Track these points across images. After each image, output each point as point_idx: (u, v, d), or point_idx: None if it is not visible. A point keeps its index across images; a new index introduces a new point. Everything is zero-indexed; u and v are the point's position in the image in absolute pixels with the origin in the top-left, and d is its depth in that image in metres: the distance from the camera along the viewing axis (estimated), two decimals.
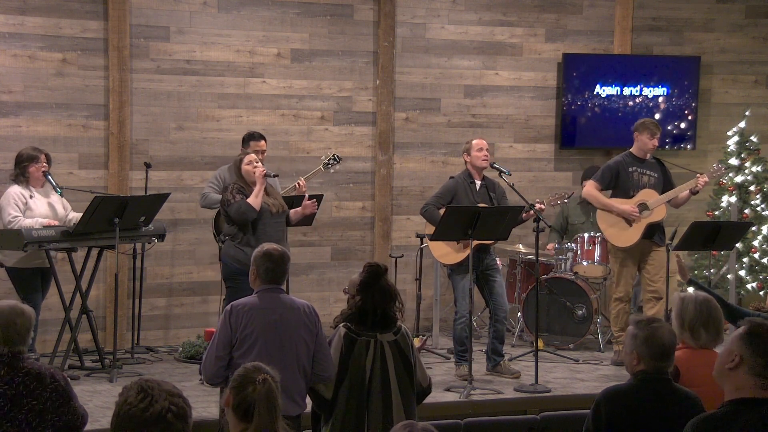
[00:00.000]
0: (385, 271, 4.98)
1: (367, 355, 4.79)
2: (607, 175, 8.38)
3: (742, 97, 10.54)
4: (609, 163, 8.55)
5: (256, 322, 5.03)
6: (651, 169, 8.36)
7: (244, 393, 3.50)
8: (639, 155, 8.37)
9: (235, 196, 7.16)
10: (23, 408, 4.08)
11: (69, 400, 4.21)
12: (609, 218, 8.32)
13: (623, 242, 8.26)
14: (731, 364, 3.50)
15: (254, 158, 7.33)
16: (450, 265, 7.89)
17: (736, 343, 3.51)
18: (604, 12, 10.26)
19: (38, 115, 8.61)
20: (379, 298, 4.87)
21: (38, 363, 4.30)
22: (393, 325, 4.91)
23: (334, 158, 8.29)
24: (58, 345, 7.66)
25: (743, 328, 3.55)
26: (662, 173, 8.38)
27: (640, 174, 8.33)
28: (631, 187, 8.30)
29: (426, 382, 5.04)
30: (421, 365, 5.06)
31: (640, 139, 8.35)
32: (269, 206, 7.22)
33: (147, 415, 2.81)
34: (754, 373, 3.45)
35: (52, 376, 4.19)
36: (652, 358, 4.11)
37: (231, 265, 7.19)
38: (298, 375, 5.05)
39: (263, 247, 5.28)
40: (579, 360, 8.48)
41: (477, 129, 9.83)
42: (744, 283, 9.94)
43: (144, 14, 8.88)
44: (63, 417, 4.16)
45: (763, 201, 10.07)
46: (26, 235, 7.18)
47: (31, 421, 4.08)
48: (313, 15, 9.41)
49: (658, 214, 8.22)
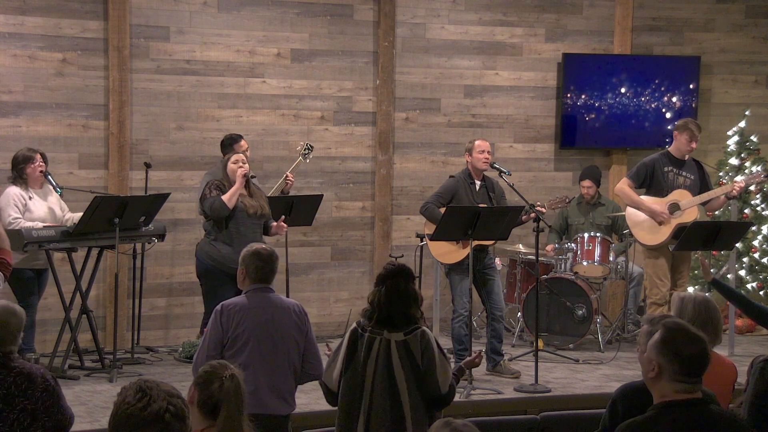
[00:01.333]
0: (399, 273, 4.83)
1: (370, 352, 4.76)
2: (642, 172, 8.23)
3: (742, 97, 10.54)
4: (645, 160, 8.35)
5: (247, 322, 5.04)
6: (688, 171, 8.23)
7: (210, 389, 3.47)
8: (676, 155, 8.23)
9: (212, 191, 7.32)
10: (15, 408, 4.06)
11: (59, 401, 4.20)
12: (637, 216, 8.20)
13: (649, 241, 8.14)
14: (652, 374, 3.52)
15: (242, 158, 7.47)
16: (448, 264, 7.90)
17: (652, 351, 3.51)
18: (604, 12, 10.26)
19: (38, 115, 8.61)
20: (384, 297, 4.83)
21: (28, 363, 4.27)
22: (405, 325, 4.82)
23: (308, 147, 8.63)
24: (58, 345, 7.66)
25: (657, 334, 3.53)
26: (700, 175, 8.25)
27: (675, 174, 8.20)
28: (665, 187, 8.17)
29: (445, 388, 4.80)
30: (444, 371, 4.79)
31: (679, 139, 8.20)
32: (246, 206, 7.34)
33: (145, 414, 2.81)
34: (673, 379, 3.47)
35: (42, 377, 4.18)
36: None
37: (204, 261, 7.42)
38: (289, 374, 5.08)
39: (252, 246, 5.30)
40: (579, 360, 8.48)
41: (477, 129, 9.83)
42: (744, 283, 9.94)
43: (144, 14, 8.88)
44: (53, 417, 4.15)
45: (763, 201, 10.06)
46: (26, 235, 7.18)
47: (23, 421, 4.07)
48: (313, 15, 9.41)
49: (689, 216, 8.07)
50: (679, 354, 3.46)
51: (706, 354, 3.52)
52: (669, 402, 3.48)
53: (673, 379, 3.47)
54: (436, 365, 4.77)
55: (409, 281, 4.85)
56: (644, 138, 10.20)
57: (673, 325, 3.58)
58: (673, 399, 3.47)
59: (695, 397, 3.49)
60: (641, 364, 4.10)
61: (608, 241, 9.16)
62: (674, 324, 3.60)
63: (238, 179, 7.31)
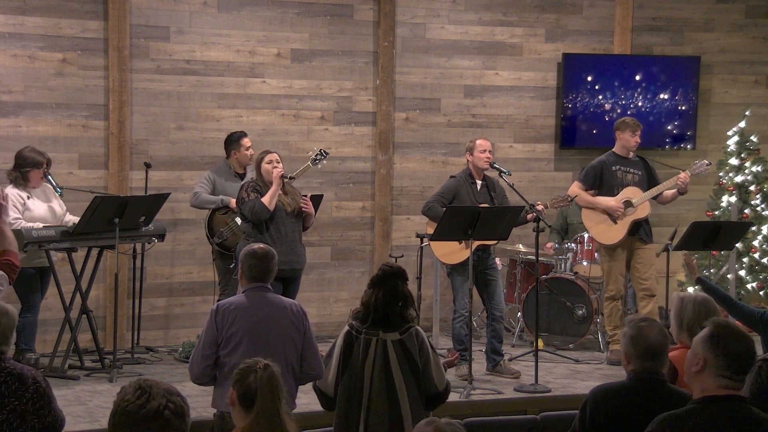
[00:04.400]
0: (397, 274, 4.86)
1: (367, 353, 4.76)
2: (590, 174, 8.45)
3: (742, 97, 10.54)
4: (592, 162, 8.60)
5: (241, 321, 5.05)
6: (634, 167, 8.43)
7: (246, 383, 3.54)
8: (622, 153, 8.46)
9: (249, 194, 7.21)
10: (5, 408, 4.02)
11: (49, 402, 4.15)
12: (594, 216, 8.39)
13: (609, 239, 8.33)
14: (696, 368, 3.55)
15: (275, 158, 7.35)
16: (451, 264, 7.90)
17: (699, 346, 3.56)
18: (604, 12, 10.26)
19: (38, 115, 8.61)
20: (382, 298, 4.84)
21: (19, 364, 4.22)
22: (400, 325, 4.84)
23: (321, 153, 7.99)
24: (58, 345, 7.66)
25: (706, 330, 3.59)
26: (646, 171, 8.46)
27: (623, 172, 8.40)
28: (615, 185, 8.38)
29: (442, 385, 4.89)
30: (438, 368, 4.90)
31: (622, 137, 8.45)
32: (284, 205, 7.25)
33: (144, 411, 2.81)
34: (717, 374, 3.51)
35: (33, 378, 4.13)
36: (638, 358, 4.07)
37: None
38: (286, 374, 5.04)
39: (250, 246, 5.32)
40: (579, 360, 8.49)
41: (477, 129, 9.84)
42: (744, 283, 9.94)
43: (144, 14, 8.88)
44: (43, 419, 4.10)
45: (763, 201, 10.06)
46: (26, 235, 7.18)
47: (12, 421, 4.02)
48: (313, 15, 9.41)
49: (642, 211, 8.29)
50: (726, 349, 3.50)
51: (752, 352, 3.58)
52: (711, 397, 3.51)
53: (717, 374, 3.51)
54: (431, 362, 4.81)
55: (405, 282, 4.88)
56: (644, 138, 10.13)
57: (722, 322, 3.64)
58: (715, 394, 3.51)
59: (737, 394, 3.53)
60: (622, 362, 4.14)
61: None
62: (723, 321, 3.66)
63: (275, 181, 7.20)
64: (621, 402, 4.05)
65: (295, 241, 7.33)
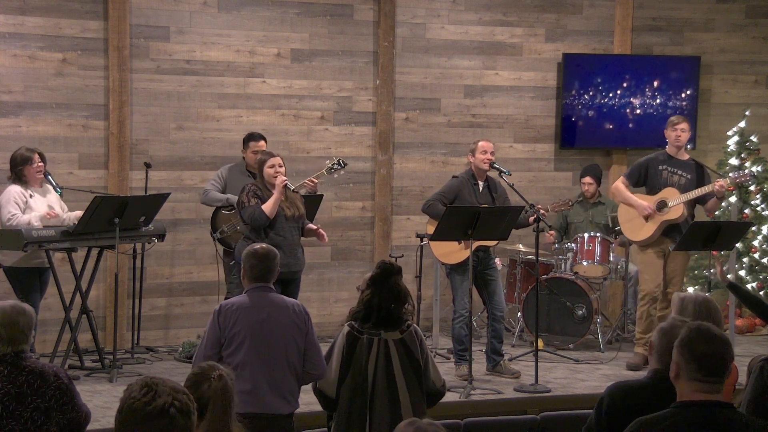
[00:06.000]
0: (397, 271, 4.93)
1: (370, 353, 4.76)
2: (635, 171, 8.35)
3: (742, 97, 10.54)
4: (640, 160, 8.46)
5: (243, 321, 5.05)
6: (684, 169, 8.26)
7: (199, 391, 3.47)
8: (671, 153, 8.30)
9: (250, 199, 7.13)
10: (28, 406, 4.11)
11: (72, 398, 4.24)
12: (628, 213, 8.30)
13: (636, 237, 8.25)
14: (672, 374, 3.53)
15: (278, 161, 7.22)
16: (450, 264, 7.89)
17: (674, 352, 3.52)
18: (604, 12, 10.26)
19: (38, 115, 8.61)
20: (385, 297, 4.84)
21: (41, 362, 4.32)
22: (400, 323, 4.86)
23: (338, 163, 8.03)
24: (58, 345, 7.66)
25: (680, 336, 3.54)
26: (697, 175, 8.25)
27: (669, 172, 8.25)
28: (658, 184, 8.24)
29: (440, 383, 4.96)
30: (434, 366, 4.99)
31: (666, 134, 8.33)
32: (284, 209, 7.17)
33: (150, 408, 2.82)
34: (690, 377, 3.47)
35: (55, 375, 4.22)
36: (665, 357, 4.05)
37: None
38: (288, 373, 5.06)
39: (252, 246, 5.33)
40: (579, 360, 8.48)
41: (477, 129, 9.84)
42: (744, 283, 9.93)
43: (144, 14, 8.88)
44: (67, 415, 4.20)
45: (763, 201, 10.06)
46: (26, 235, 7.17)
47: (36, 419, 4.11)
48: (313, 15, 9.41)
49: (674, 213, 8.12)
50: (693, 352, 3.46)
51: (722, 354, 3.48)
52: (685, 402, 3.47)
53: (689, 378, 3.46)
54: (430, 361, 4.86)
55: (400, 281, 4.93)
56: (644, 138, 10.18)
57: (693, 325, 3.58)
58: (689, 399, 3.47)
59: (712, 399, 3.46)
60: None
61: (608, 241, 9.17)
62: (696, 324, 3.59)
63: (277, 189, 7.09)
64: (640, 401, 4.03)
65: (295, 244, 7.30)
